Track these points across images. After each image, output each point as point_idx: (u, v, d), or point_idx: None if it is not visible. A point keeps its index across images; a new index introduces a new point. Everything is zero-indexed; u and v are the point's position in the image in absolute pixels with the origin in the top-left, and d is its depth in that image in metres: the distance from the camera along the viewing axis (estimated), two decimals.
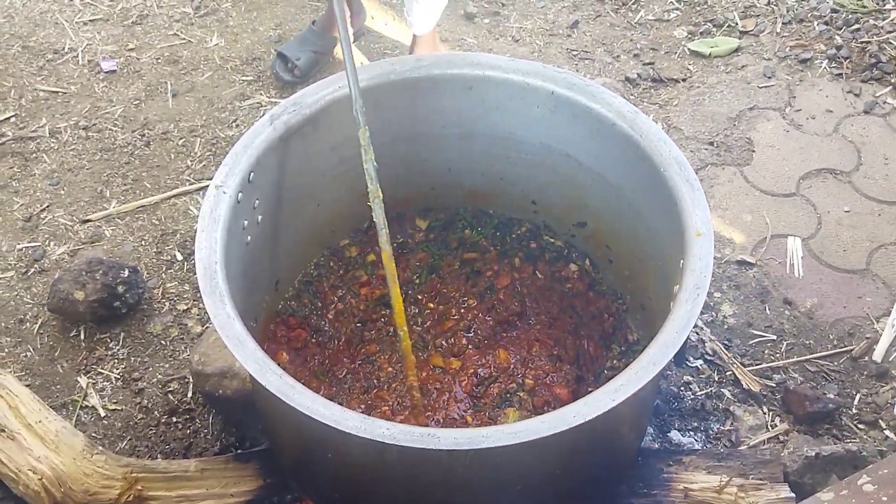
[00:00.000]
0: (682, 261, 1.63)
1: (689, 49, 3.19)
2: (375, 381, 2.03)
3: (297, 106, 1.86)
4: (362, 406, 1.99)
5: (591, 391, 1.47)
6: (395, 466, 1.53)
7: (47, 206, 2.63)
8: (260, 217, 1.85)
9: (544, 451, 1.49)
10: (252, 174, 1.77)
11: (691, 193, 1.70)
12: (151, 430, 2.15)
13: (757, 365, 2.28)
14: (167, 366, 2.26)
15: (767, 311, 2.40)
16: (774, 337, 2.34)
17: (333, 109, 1.91)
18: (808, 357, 2.30)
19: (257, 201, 1.82)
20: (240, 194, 1.73)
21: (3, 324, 2.35)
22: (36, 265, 2.47)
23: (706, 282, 1.57)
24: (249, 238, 1.82)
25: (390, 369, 2.04)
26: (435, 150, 2.11)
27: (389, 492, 1.65)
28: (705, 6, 3.36)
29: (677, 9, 3.36)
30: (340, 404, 1.76)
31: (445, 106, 2.01)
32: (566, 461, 1.60)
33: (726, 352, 2.29)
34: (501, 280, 2.15)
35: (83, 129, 2.85)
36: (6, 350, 2.29)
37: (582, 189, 2.04)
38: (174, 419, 2.16)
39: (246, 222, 1.79)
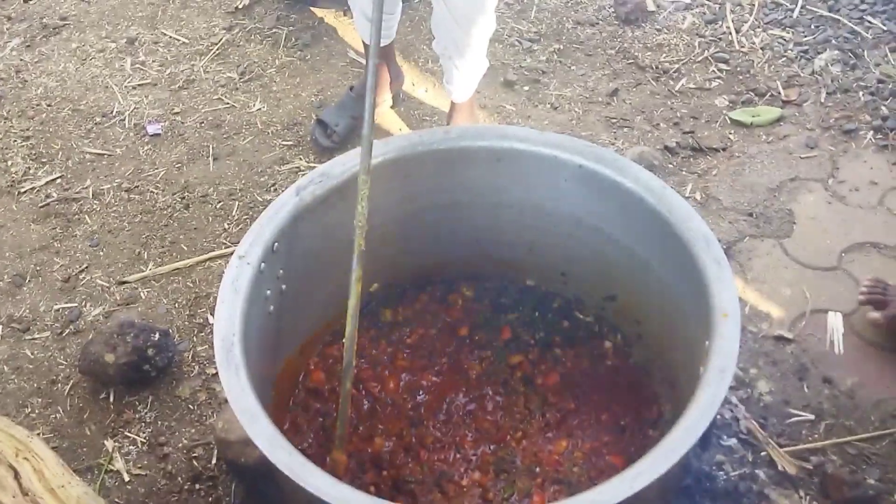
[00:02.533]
0: (707, 342, 1.59)
1: (729, 118, 3.17)
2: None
3: (323, 177, 1.88)
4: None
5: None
6: None
7: (86, 268, 2.67)
8: (284, 286, 1.86)
9: None
10: (276, 244, 1.79)
11: (718, 272, 1.67)
12: (174, 496, 2.14)
13: (794, 446, 2.20)
14: (193, 431, 2.26)
15: (806, 390, 2.32)
16: (813, 417, 2.26)
17: None
18: (849, 439, 2.21)
19: (281, 271, 1.83)
20: (263, 264, 1.75)
21: (35, 384, 2.38)
22: (71, 326, 2.51)
23: (732, 364, 1.53)
24: (272, 308, 1.83)
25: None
26: (463, 221, 2.11)
27: None
28: (748, 75, 3.34)
29: (719, 77, 3.34)
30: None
31: (474, 177, 2.02)
32: None
33: (762, 431, 2.22)
34: (550, 378, 2.10)
35: (126, 191, 2.91)
36: (37, 411, 2.32)
37: (611, 262, 2.02)
38: (197, 486, 2.15)
39: (269, 292, 1.80)
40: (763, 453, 2.17)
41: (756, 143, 3.07)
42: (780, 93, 3.25)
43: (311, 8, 3.60)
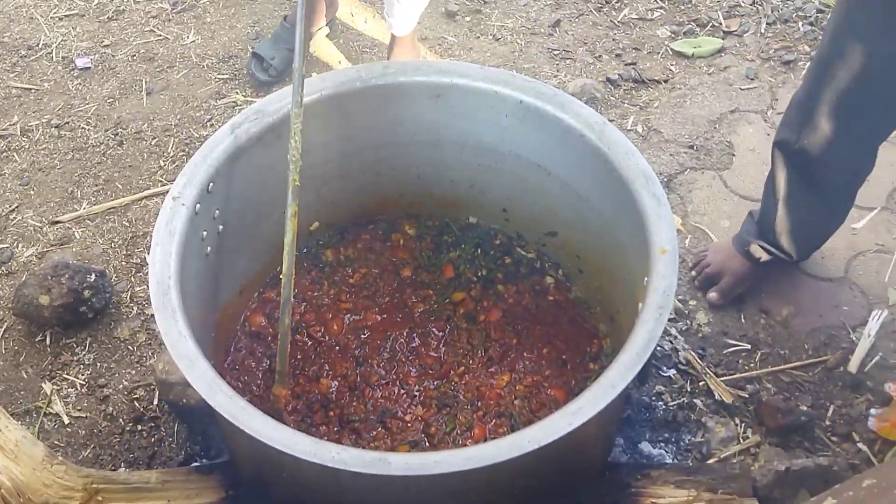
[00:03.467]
0: (646, 278, 1.60)
1: (671, 49, 3.16)
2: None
3: (259, 114, 1.83)
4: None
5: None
6: (350, 489, 1.50)
7: (16, 207, 2.59)
8: (221, 227, 1.82)
9: (501, 474, 1.46)
10: (211, 184, 1.74)
11: (657, 208, 1.67)
12: (116, 438, 2.12)
13: (731, 375, 2.25)
14: (133, 372, 2.23)
15: (743, 320, 2.37)
16: (749, 346, 2.32)
17: None
18: (783, 367, 2.27)
19: (217, 211, 1.79)
20: (198, 205, 1.70)
21: None
22: (3, 267, 2.44)
23: (669, 301, 1.54)
24: (209, 249, 1.79)
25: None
26: (404, 158, 2.08)
27: None
28: (689, 5, 3.33)
29: (661, 7, 3.32)
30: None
31: (414, 113, 1.98)
32: (525, 483, 1.57)
33: (700, 361, 2.26)
34: (492, 315, 2.10)
35: (55, 127, 2.81)
36: None
37: (551, 198, 2.01)
38: (139, 427, 2.13)
39: (205, 233, 1.76)
40: (701, 383, 2.22)
41: (697, 75, 3.07)
42: (721, 23, 3.25)
43: None
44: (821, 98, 1.93)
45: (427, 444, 1.88)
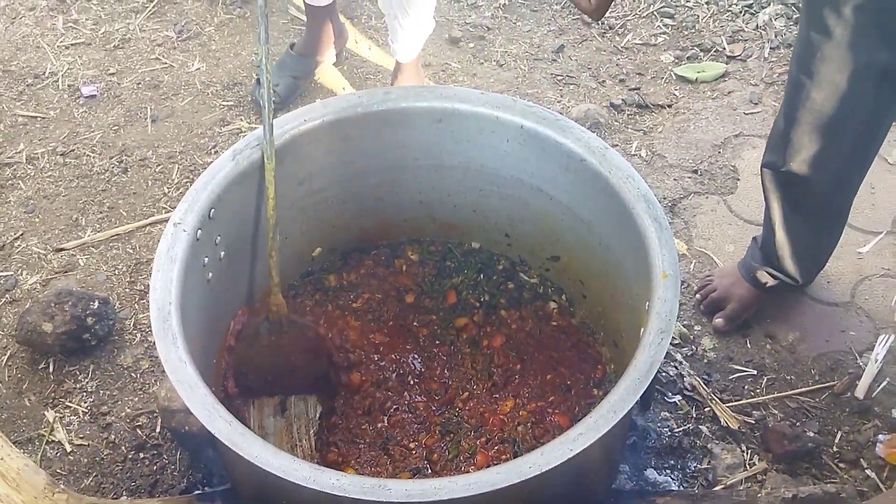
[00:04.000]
0: (647, 303, 1.60)
1: (675, 74, 3.16)
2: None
3: (260, 140, 1.83)
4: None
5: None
6: None
7: (21, 234, 2.60)
8: (222, 253, 1.82)
9: (503, 501, 1.44)
10: (213, 210, 1.74)
11: (659, 233, 1.67)
12: (118, 466, 2.11)
13: (737, 401, 2.24)
14: (136, 399, 2.23)
15: (749, 346, 2.36)
16: (755, 372, 2.30)
17: (299, 143, 1.89)
18: (789, 393, 2.25)
19: (219, 237, 1.79)
20: (199, 231, 1.71)
21: None
22: (7, 295, 2.45)
23: (671, 326, 1.54)
24: (211, 275, 1.79)
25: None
26: (406, 182, 2.09)
27: None
28: (693, 31, 3.34)
29: (664, 33, 3.33)
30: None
31: (416, 138, 1.99)
32: None
33: (705, 387, 2.24)
34: (496, 340, 2.09)
35: (61, 154, 2.83)
36: None
37: (554, 223, 2.01)
38: (141, 455, 2.12)
39: (206, 259, 1.76)
40: (707, 409, 2.20)
41: (701, 100, 3.08)
42: (724, 48, 3.25)
43: None
44: (799, 119, 1.94)
45: (429, 470, 1.87)
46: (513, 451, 1.89)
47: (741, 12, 3.39)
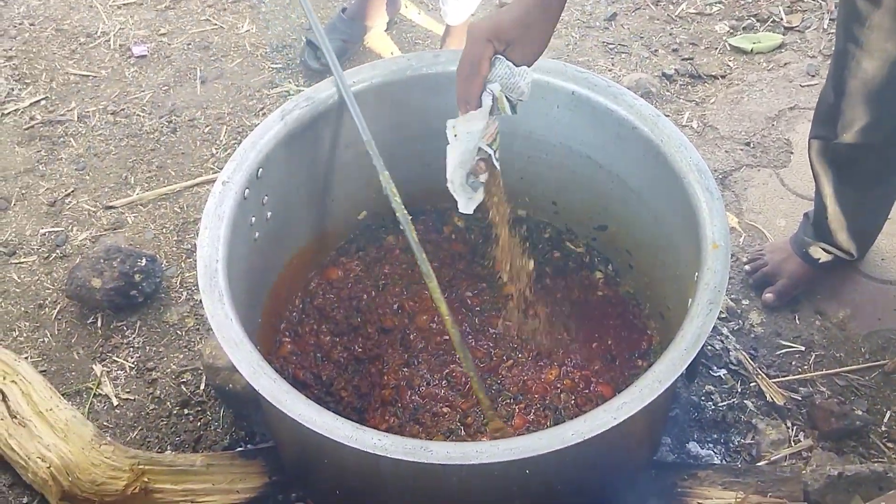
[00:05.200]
0: (697, 273, 1.57)
1: (729, 44, 3.10)
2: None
3: (309, 101, 1.83)
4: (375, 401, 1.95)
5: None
6: (391, 476, 1.50)
7: (72, 192, 2.63)
8: (269, 213, 1.82)
9: (544, 467, 1.44)
10: (261, 170, 1.75)
11: (710, 203, 1.64)
12: (163, 421, 2.14)
13: (783, 377, 2.20)
14: (181, 356, 2.25)
15: (797, 322, 2.32)
16: (803, 348, 2.26)
17: (347, 105, 1.87)
18: (838, 370, 2.21)
19: (266, 197, 1.80)
20: (247, 190, 1.71)
21: (22, 308, 2.36)
22: (58, 250, 2.48)
23: (720, 297, 1.51)
24: (258, 234, 1.80)
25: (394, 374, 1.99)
26: None
27: (386, 500, 1.62)
28: (749, 0, 3.26)
29: (720, 2, 3.26)
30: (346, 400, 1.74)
31: None
32: (568, 477, 1.55)
33: (751, 362, 2.21)
34: (541, 310, 2.08)
35: (111, 113, 2.85)
36: (24, 335, 2.30)
37: (602, 191, 1.98)
38: (185, 411, 2.15)
39: (254, 219, 1.77)
40: (752, 384, 2.17)
41: (756, 71, 3.01)
42: (782, 18, 3.17)
43: None
44: (849, 90, 1.89)
45: (463, 432, 1.87)
46: (554, 419, 1.88)
47: None
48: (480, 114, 1.55)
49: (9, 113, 2.86)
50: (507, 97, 1.53)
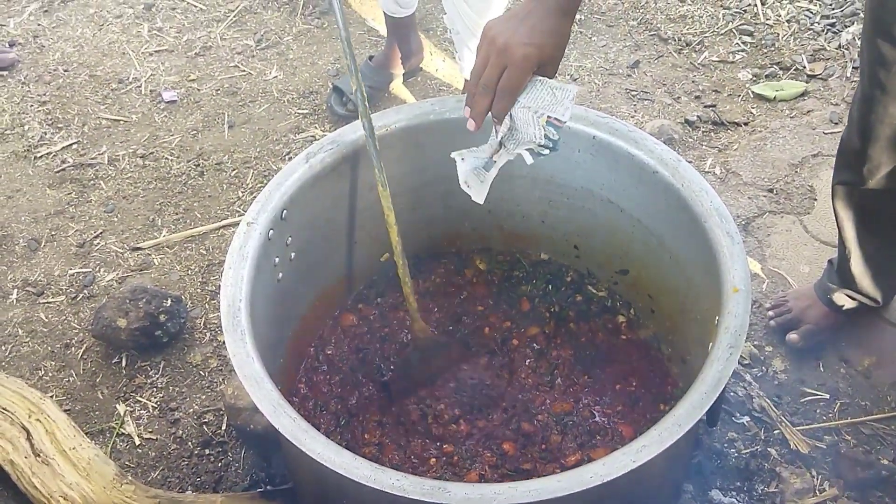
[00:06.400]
0: (717, 317, 1.57)
1: (752, 92, 3.12)
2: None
3: (334, 144, 1.86)
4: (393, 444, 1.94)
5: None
6: None
7: (101, 233, 2.68)
8: (293, 254, 1.84)
9: None
10: (285, 211, 1.77)
11: (731, 247, 1.64)
12: (184, 461, 2.15)
13: (807, 425, 2.18)
14: (204, 397, 2.27)
15: (821, 369, 2.30)
16: (828, 396, 2.24)
17: None
18: (864, 419, 2.19)
19: (290, 238, 1.82)
20: (271, 231, 1.73)
21: (49, 348, 2.39)
22: (85, 290, 2.52)
23: (740, 341, 1.50)
24: (281, 275, 1.82)
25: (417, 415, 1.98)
26: None
27: None
28: (773, 48, 3.28)
29: (743, 50, 3.28)
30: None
31: None
32: None
33: (775, 409, 2.19)
34: (565, 351, 2.08)
35: (141, 157, 2.91)
36: (50, 374, 2.33)
37: (624, 235, 1.99)
38: (207, 451, 2.16)
39: (277, 259, 1.79)
40: (776, 431, 2.15)
41: (779, 118, 3.02)
42: (805, 67, 3.19)
43: None
44: (876, 135, 1.89)
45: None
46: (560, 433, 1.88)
47: (823, 31, 3.33)
48: (489, 147, 1.57)
49: (41, 156, 2.92)
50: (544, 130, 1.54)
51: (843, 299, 2.26)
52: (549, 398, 1.99)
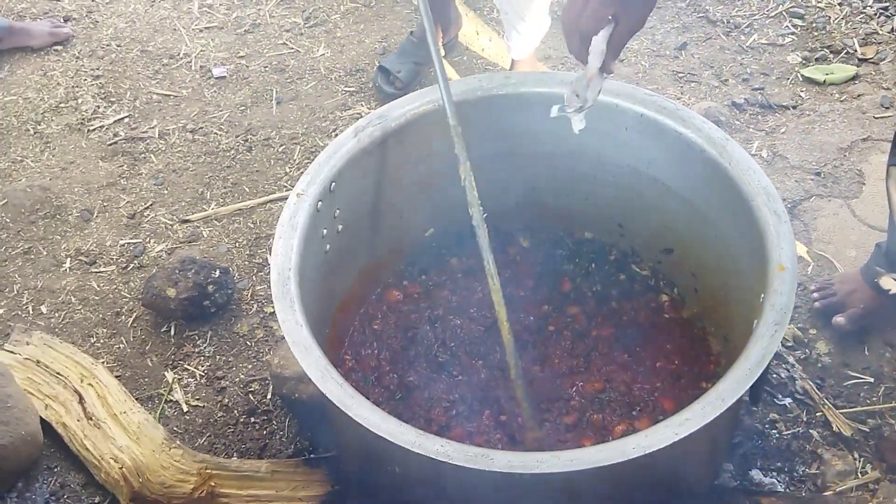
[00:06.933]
0: (762, 295, 1.57)
1: (802, 75, 3.08)
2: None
3: (382, 119, 1.88)
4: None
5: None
6: (453, 483, 1.51)
7: (151, 205, 2.73)
8: (340, 227, 1.88)
9: (603, 480, 1.45)
10: (333, 184, 1.80)
11: (778, 225, 1.64)
12: (230, 428, 2.20)
13: (850, 408, 2.17)
14: (250, 366, 2.31)
15: (866, 352, 2.28)
16: (872, 380, 2.22)
17: (419, 123, 1.92)
18: None
19: (338, 211, 1.85)
20: (320, 203, 1.77)
21: (100, 315, 2.45)
22: (136, 261, 2.57)
23: (786, 319, 1.51)
24: (329, 247, 1.85)
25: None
26: (520, 169, 2.10)
27: None
28: (823, 31, 3.24)
29: (792, 33, 3.24)
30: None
31: (532, 124, 1.99)
32: (627, 492, 1.55)
33: (818, 392, 2.18)
34: (604, 331, 2.08)
35: (190, 132, 2.95)
36: (101, 341, 2.39)
37: (669, 214, 1.99)
38: (252, 419, 2.21)
39: (325, 231, 1.82)
40: (819, 414, 2.14)
41: (828, 102, 2.98)
42: (856, 50, 3.14)
43: None
44: None
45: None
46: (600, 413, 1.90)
47: (876, 14, 3.27)
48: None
49: (94, 129, 2.98)
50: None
51: (889, 283, 2.23)
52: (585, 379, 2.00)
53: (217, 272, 2.38)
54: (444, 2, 3.03)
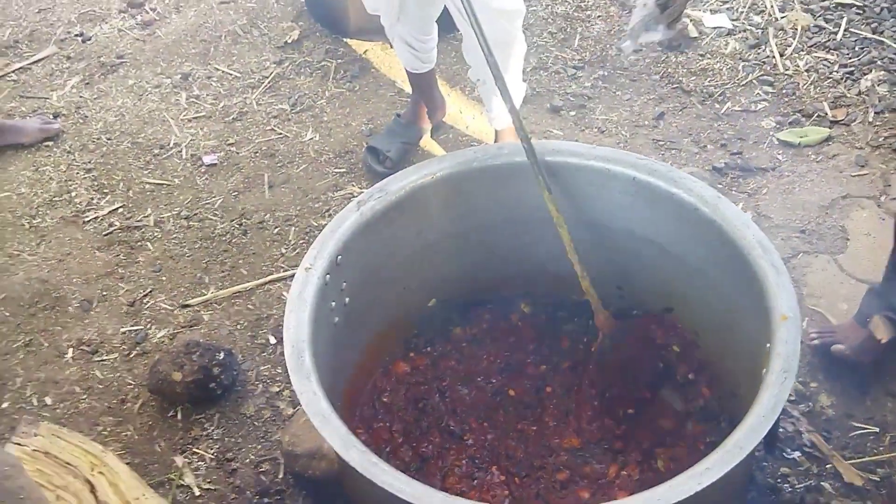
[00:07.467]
0: (768, 345, 1.61)
1: (777, 138, 3.18)
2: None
3: (382, 192, 1.93)
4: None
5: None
6: None
7: (150, 292, 2.75)
8: (347, 299, 1.91)
9: None
10: (339, 257, 1.84)
11: (776, 277, 1.69)
12: None
13: (859, 458, 2.19)
14: (259, 447, 2.31)
15: (868, 403, 2.32)
16: (877, 429, 2.25)
17: (418, 196, 1.98)
18: None
19: (344, 284, 1.88)
20: (327, 276, 1.80)
21: (105, 403, 2.44)
22: (138, 347, 2.58)
23: (794, 366, 1.54)
24: (337, 319, 1.88)
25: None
26: (518, 236, 2.15)
27: None
28: (794, 97, 3.36)
29: (764, 100, 3.36)
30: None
31: (528, 192, 2.04)
32: None
33: (825, 444, 2.21)
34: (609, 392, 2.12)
35: (185, 218, 2.99)
36: (108, 429, 2.38)
37: (666, 274, 2.04)
38: (265, 500, 2.19)
39: (333, 304, 1.85)
40: (828, 465, 2.17)
41: (805, 163, 3.08)
42: (827, 113, 3.26)
43: (351, 40, 3.69)
44: None
45: None
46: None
47: (842, 79, 3.40)
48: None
49: (89, 220, 3.01)
50: None
51: (881, 330, 2.28)
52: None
53: (221, 354, 2.39)
54: (430, 88, 3.12)
